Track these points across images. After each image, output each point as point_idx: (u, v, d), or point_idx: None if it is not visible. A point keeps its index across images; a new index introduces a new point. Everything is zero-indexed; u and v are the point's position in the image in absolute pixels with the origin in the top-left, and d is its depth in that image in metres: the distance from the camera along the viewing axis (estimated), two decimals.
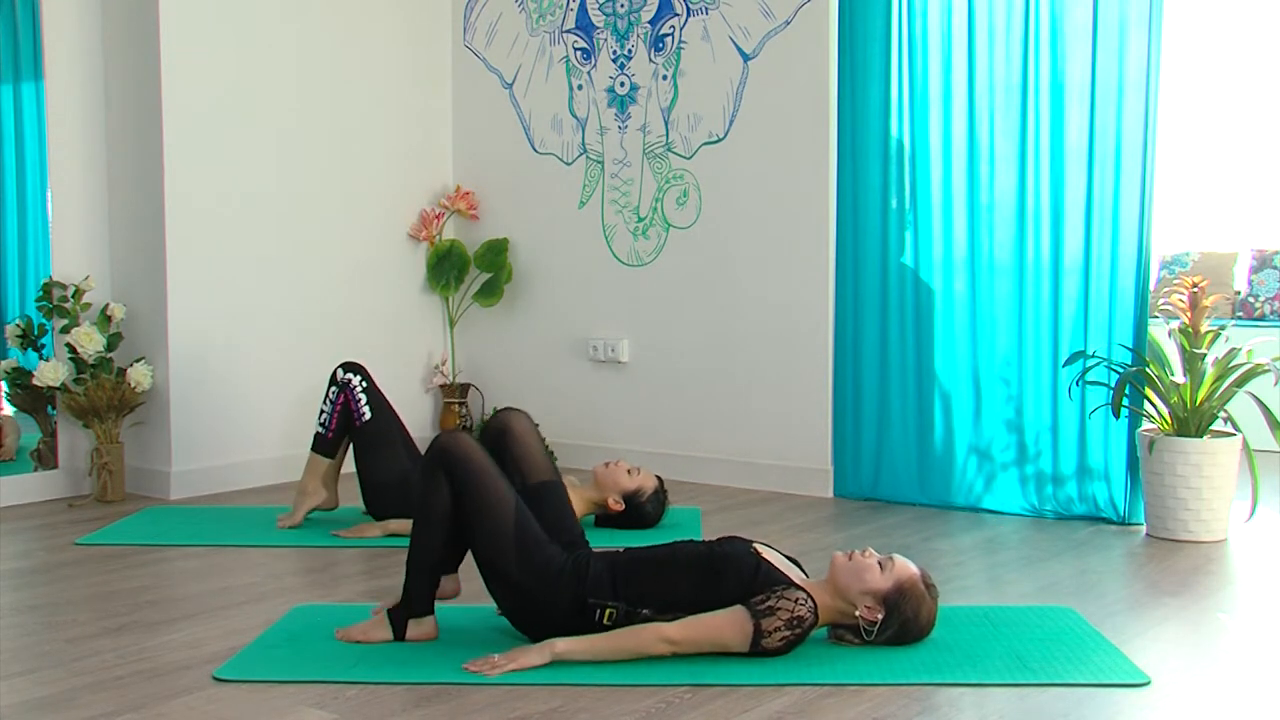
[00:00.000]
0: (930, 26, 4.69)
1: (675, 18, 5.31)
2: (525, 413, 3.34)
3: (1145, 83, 4.31)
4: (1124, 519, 4.43)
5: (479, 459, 2.96)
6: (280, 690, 2.72)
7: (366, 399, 4.30)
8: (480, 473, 2.95)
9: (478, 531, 2.93)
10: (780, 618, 2.83)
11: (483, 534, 2.93)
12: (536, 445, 3.25)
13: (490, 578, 2.97)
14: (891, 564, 2.93)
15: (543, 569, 2.91)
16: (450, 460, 2.95)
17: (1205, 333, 4.31)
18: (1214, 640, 3.15)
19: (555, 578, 2.91)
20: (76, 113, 4.98)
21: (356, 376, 4.32)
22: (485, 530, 2.93)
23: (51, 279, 4.89)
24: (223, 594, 3.53)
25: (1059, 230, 4.49)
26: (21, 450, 4.97)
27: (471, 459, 2.95)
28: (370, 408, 4.30)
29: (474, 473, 2.94)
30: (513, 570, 2.91)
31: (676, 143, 5.34)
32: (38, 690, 2.74)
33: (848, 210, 4.88)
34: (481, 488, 2.93)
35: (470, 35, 5.95)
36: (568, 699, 2.66)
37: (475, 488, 2.93)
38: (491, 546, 2.92)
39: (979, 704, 2.67)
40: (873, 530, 4.37)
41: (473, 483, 2.93)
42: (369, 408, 4.29)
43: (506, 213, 5.87)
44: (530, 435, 3.26)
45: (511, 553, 2.90)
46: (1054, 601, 3.44)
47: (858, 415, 4.91)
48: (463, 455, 2.95)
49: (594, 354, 5.59)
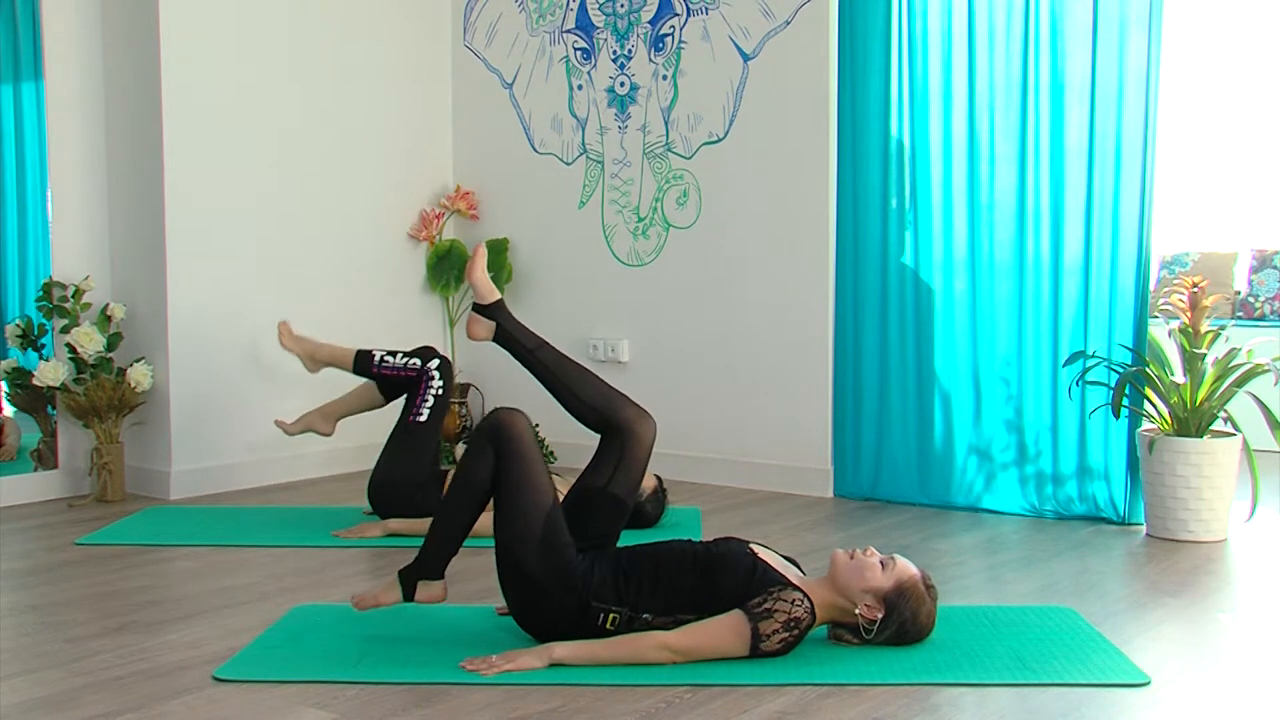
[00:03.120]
0: (930, 26, 4.69)
1: (675, 18, 5.31)
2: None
3: (1145, 83, 4.31)
4: (1124, 519, 4.43)
5: (530, 442, 2.96)
6: (280, 690, 2.72)
7: (432, 403, 4.32)
8: (527, 456, 2.94)
9: (508, 512, 2.92)
10: (778, 620, 2.83)
11: (512, 515, 2.91)
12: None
13: (506, 565, 2.94)
14: (893, 563, 2.93)
15: (559, 569, 2.90)
16: (502, 436, 2.94)
17: (1205, 333, 4.31)
18: (1214, 640, 3.15)
19: (568, 580, 2.90)
20: (76, 113, 4.98)
21: (439, 379, 4.34)
22: (516, 512, 2.91)
23: (51, 279, 4.89)
24: (223, 594, 3.54)
25: (1059, 230, 4.49)
26: (21, 450, 4.98)
27: (523, 439, 2.95)
28: (429, 412, 4.32)
29: (521, 454, 2.93)
30: (530, 561, 2.89)
31: (676, 143, 5.34)
32: (38, 690, 2.74)
33: (848, 210, 4.88)
34: (525, 470, 2.93)
35: (470, 35, 5.95)
36: (568, 699, 2.66)
37: (519, 468, 2.92)
38: (516, 531, 2.90)
39: (979, 704, 2.67)
40: (873, 530, 4.37)
41: (518, 463, 2.92)
42: (428, 411, 4.31)
43: (506, 213, 5.87)
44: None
45: (534, 543, 2.89)
46: (1054, 601, 3.44)
47: (858, 415, 4.91)
48: (515, 434, 2.95)
49: (594, 354, 5.59)
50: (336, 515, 4.52)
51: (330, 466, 5.47)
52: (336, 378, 4.66)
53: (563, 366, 3.30)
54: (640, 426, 3.18)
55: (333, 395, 4.70)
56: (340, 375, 4.60)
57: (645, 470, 3.26)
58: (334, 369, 4.53)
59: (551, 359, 3.32)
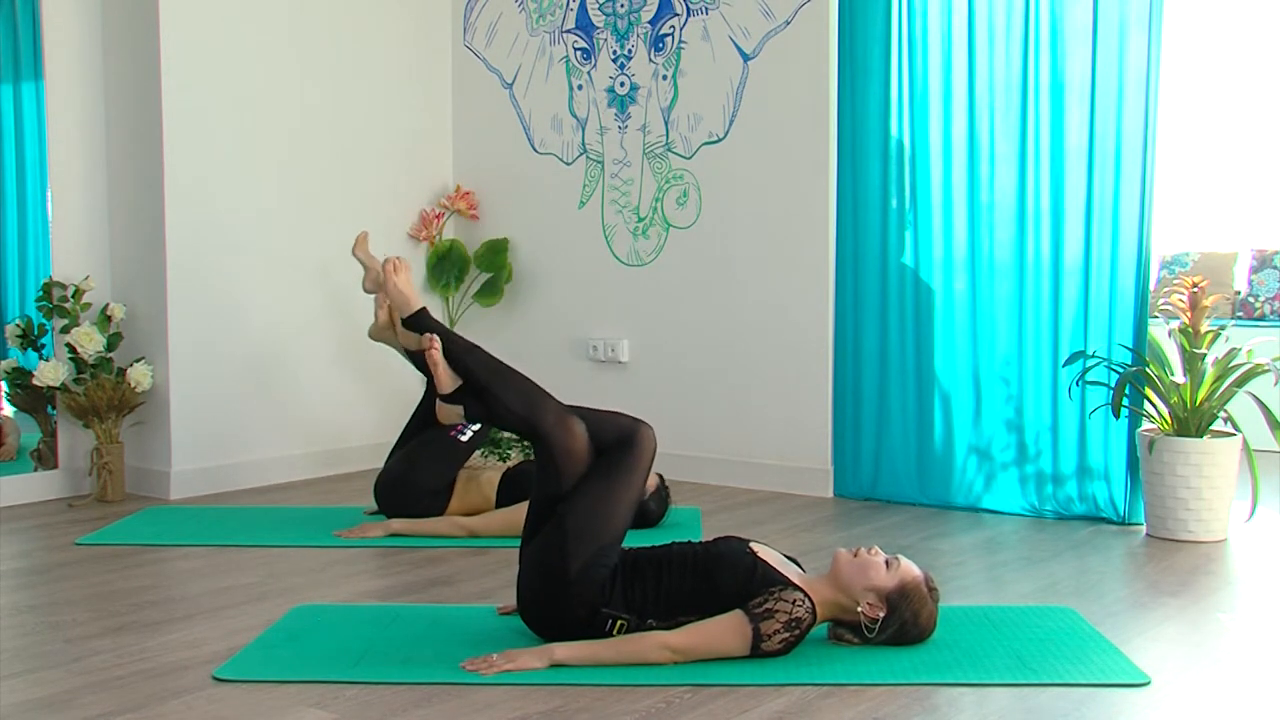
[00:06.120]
0: (930, 26, 4.69)
1: (675, 18, 5.31)
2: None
3: (1145, 83, 4.31)
4: (1124, 519, 4.43)
5: (645, 470, 3.00)
6: (280, 690, 2.72)
7: (479, 427, 4.31)
8: (636, 474, 2.97)
9: (588, 506, 2.92)
10: (779, 620, 2.83)
11: (582, 507, 2.91)
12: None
13: (545, 551, 2.91)
14: (897, 564, 2.93)
15: (591, 579, 2.89)
16: (634, 440, 2.99)
17: (1205, 333, 4.31)
18: (1214, 640, 3.15)
19: (589, 589, 2.89)
20: (76, 113, 4.98)
21: None
22: (587, 505, 2.91)
23: (51, 279, 4.89)
24: (223, 594, 3.53)
25: (1059, 230, 4.49)
26: (21, 450, 4.97)
27: (644, 460, 2.99)
28: (473, 434, 4.33)
29: (634, 468, 2.97)
30: (576, 561, 2.87)
31: (676, 143, 5.34)
32: (38, 690, 2.74)
33: (848, 210, 4.88)
34: (628, 483, 2.96)
35: (470, 35, 5.95)
36: (568, 699, 2.66)
37: (624, 478, 2.95)
38: (575, 524, 2.89)
39: (979, 704, 2.67)
40: (873, 530, 4.37)
41: (626, 473, 2.96)
42: (472, 434, 4.33)
43: (506, 213, 5.87)
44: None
45: (586, 548, 2.88)
46: (1054, 601, 3.44)
47: (857, 415, 4.91)
48: (644, 450, 2.99)
49: (594, 354, 5.59)
50: (336, 515, 4.51)
51: (330, 466, 5.47)
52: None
53: (500, 371, 3.25)
54: (556, 433, 3.08)
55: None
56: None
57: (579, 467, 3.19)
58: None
59: (483, 363, 3.29)
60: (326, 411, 5.47)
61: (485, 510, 4.31)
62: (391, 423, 5.39)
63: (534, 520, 3.00)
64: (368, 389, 5.60)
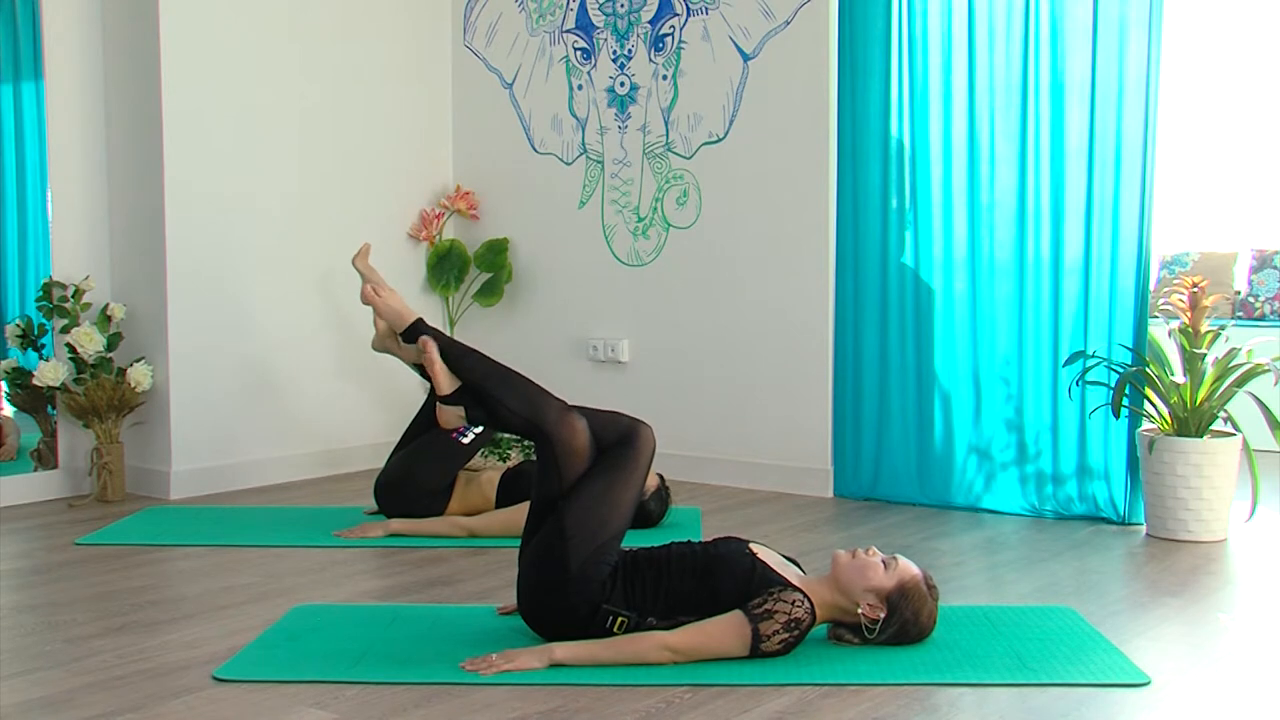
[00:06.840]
0: (930, 26, 4.69)
1: (675, 18, 5.31)
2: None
3: (1145, 83, 4.31)
4: (1124, 519, 4.43)
5: (645, 470, 3.00)
6: (280, 690, 2.72)
7: (480, 430, 4.30)
8: (636, 473, 2.98)
9: (580, 500, 2.92)
10: (778, 620, 2.84)
11: (581, 506, 2.92)
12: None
13: (547, 547, 2.92)
14: (895, 563, 2.93)
15: (591, 577, 2.89)
16: (634, 439, 3.00)
17: (1205, 333, 4.31)
18: (1214, 640, 3.15)
19: (589, 587, 2.89)
20: (76, 113, 4.98)
21: None
22: (586, 504, 2.92)
23: (51, 279, 4.89)
24: (223, 594, 3.53)
25: (1059, 230, 4.49)
26: (21, 450, 4.97)
27: (643, 459, 3.00)
28: (475, 437, 4.33)
29: (633, 467, 2.98)
30: (577, 556, 2.88)
31: (676, 143, 5.34)
32: (38, 690, 2.74)
33: (848, 210, 4.88)
34: (627, 481, 2.97)
35: (470, 35, 5.95)
36: (568, 699, 2.66)
37: (624, 476, 2.96)
38: (575, 522, 2.90)
39: (979, 704, 2.67)
40: (872, 530, 4.37)
41: (625, 472, 2.96)
42: (474, 436, 4.32)
43: (506, 213, 5.87)
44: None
45: (586, 546, 2.89)
46: (1054, 601, 3.44)
47: (857, 415, 4.91)
48: (643, 449, 3.00)
49: (594, 354, 5.59)
50: (336, 515, 4.51)
51: (330, 467, 5.47)
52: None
53: (500, 375, 3.25)
54: (559, 431, 3.08)
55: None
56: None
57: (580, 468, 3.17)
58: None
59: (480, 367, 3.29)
60: (326, 411, 5.47)
61: (485, 510, 4.31)
62: (391, 423, 5.40)
63: (534, 520, 3.00)
64: (368, 389, 5.60)
